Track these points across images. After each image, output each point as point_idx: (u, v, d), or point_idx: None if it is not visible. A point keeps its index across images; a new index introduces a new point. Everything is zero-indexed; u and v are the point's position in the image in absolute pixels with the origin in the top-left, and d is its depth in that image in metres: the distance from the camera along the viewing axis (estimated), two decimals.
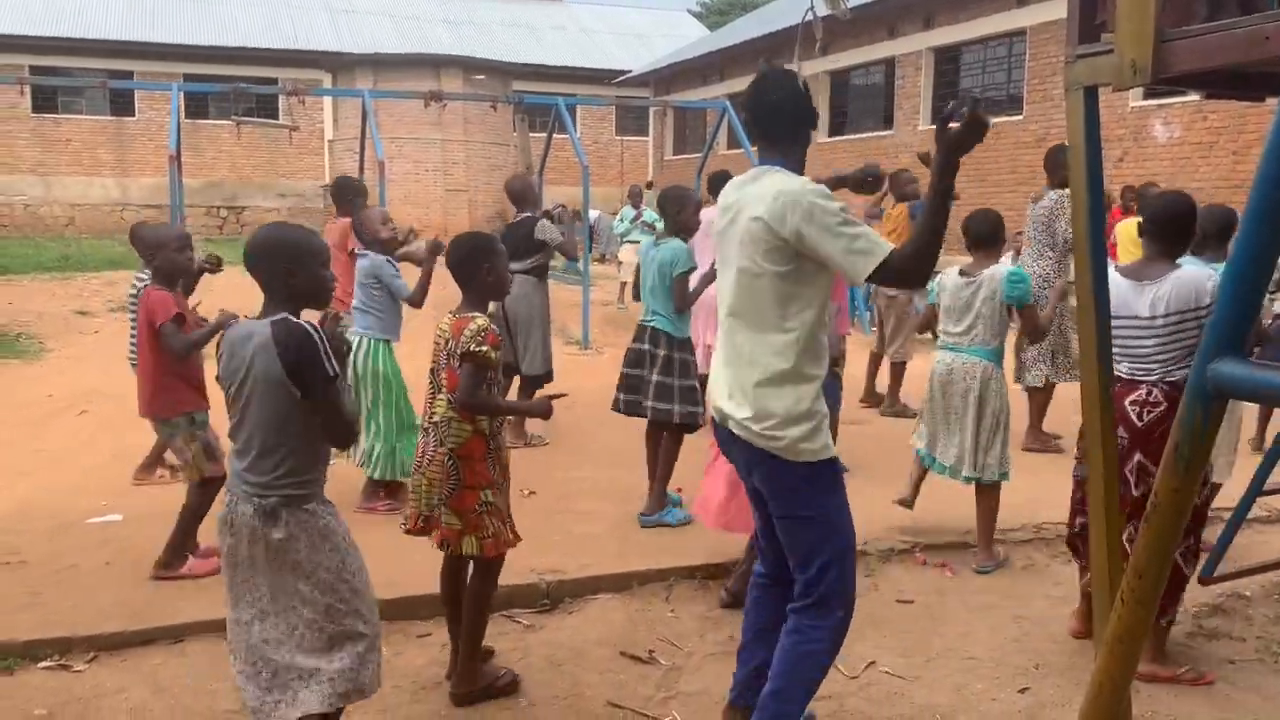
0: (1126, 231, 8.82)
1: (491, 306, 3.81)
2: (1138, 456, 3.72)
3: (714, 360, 3.09)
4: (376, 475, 5.42)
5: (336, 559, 2.78)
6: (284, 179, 29.50)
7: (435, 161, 24.68)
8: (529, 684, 3.62)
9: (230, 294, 5.62)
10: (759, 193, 2.84)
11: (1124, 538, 3.72)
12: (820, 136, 22.05)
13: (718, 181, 5.85)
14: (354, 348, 5.27)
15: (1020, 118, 16.51)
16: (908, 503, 5.27)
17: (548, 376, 6.96)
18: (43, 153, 28.11)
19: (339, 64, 25.86)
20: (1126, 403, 3.74)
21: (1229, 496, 5.46)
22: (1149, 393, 3.74)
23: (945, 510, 5.45)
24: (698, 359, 5.71)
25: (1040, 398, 7.03)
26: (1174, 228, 3.82)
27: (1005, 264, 4.98)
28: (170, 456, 5.75)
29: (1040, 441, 6.97)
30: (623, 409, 5.52)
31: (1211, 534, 5.08)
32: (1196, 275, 3.74)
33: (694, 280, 5.24)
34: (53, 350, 10.25)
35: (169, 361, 4.53)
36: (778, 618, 3.04)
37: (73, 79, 24.29)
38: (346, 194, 7.05)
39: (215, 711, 3.39)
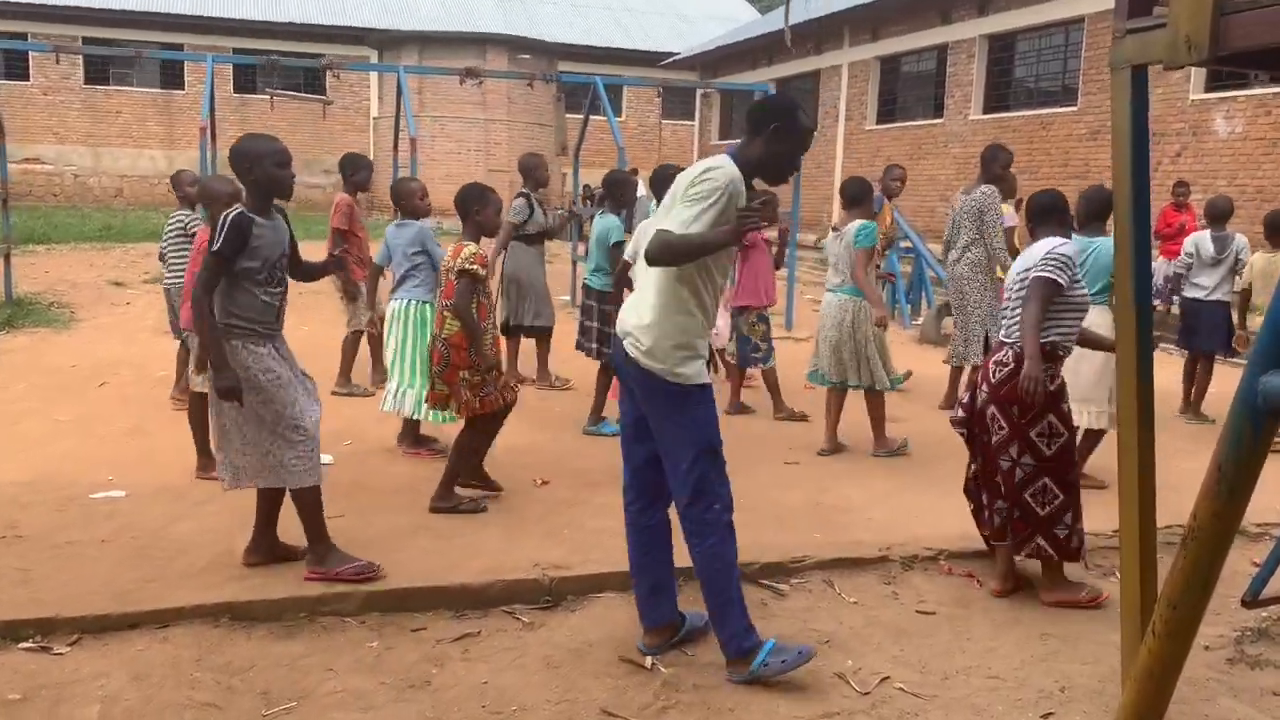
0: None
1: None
2: (991, 409, 4.22)
3: (630, 297, 3.58)
4: (418, 416, 5.93)
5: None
6: (329, 155, 29.54)
7: (477, 141, 24.56)
8: (521, 686, 3.45)
9: None
10: (700, 163, 3.38)
11: (969, 475, 4.49)
12: (868, 123, 21.66)
13: (660, 177, 6.02)
14: (401, 309, 6.01)
15: (1074, 109, 16.04)
16: (825, 452, 6.35)
17: (546, 330, 8.02)
18: (93, 124, 28.43)
19: (385, 40, 25.84)
20: (991, 361, 4.30)
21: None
22: (1005, 353, 4.23)
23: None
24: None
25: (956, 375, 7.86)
26: (1043, 215, 4.41)
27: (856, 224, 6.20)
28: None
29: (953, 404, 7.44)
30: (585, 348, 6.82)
31: (1258, 552, 4.81)
32: (1044, 244, 4.25)
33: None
34: (83, 320, 10.26)
35: None
36: (653, 539, 3.65)
37: (111, 48, 24.28)
38: (348, 169, 7.51)
39: (193, 702, 3.24)
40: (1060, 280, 4.10)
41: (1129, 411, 2.73)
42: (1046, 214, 4.41)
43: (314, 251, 5.36)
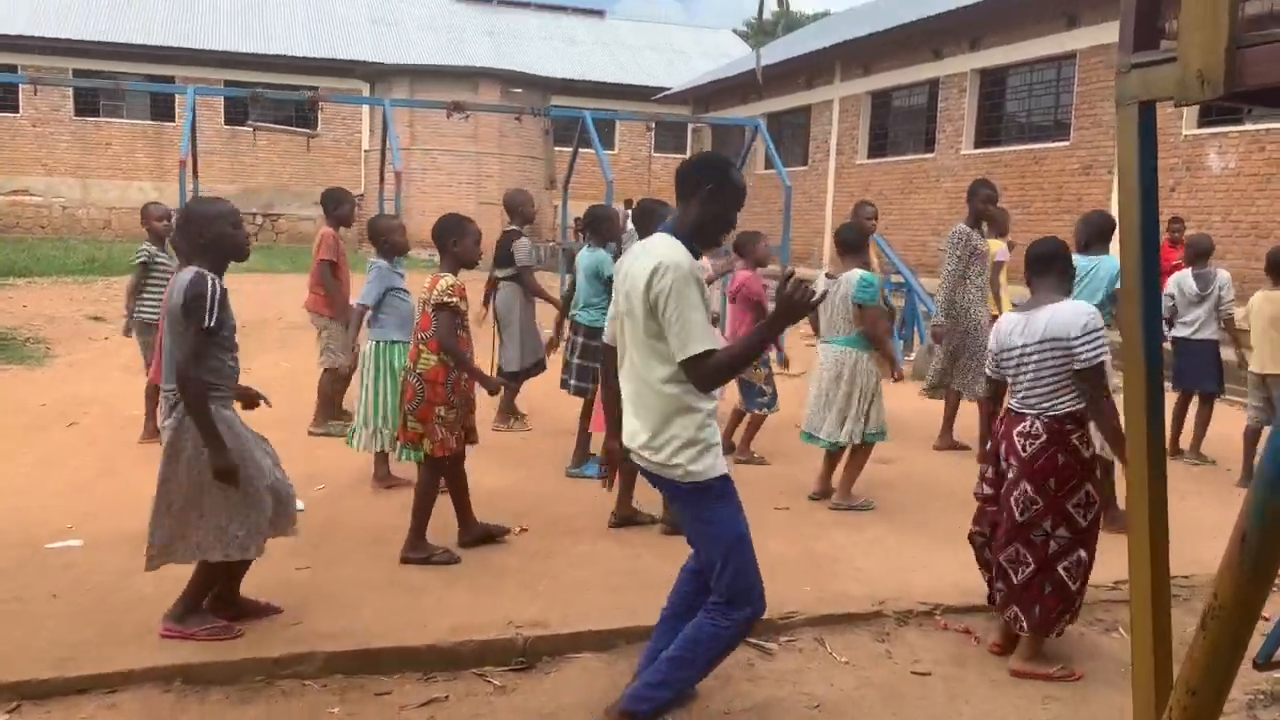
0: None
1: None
2: (1024, 484, 3.89)
3: (625, 405, 3.37)
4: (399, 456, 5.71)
5: None
6: (320, 187, 29.45)
7: (469, 174, 24.49)
8: None
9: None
10: (648, 255, 3.15)
11: (976, 541, 4.27)
12: (859, 158, 21.61)
13: (641, 213, 5.46)
14: (370, 350, 5.94)
15: (1067, 144, 15.98)
16: (816, 496, 6.13)
17: (535, 369, 7.68)
18: (83, 155, 28.30)
19: (377, 74, 25.81)
20: (1015, 433, 3.96)
21: None
22: (1031, 424, 3.91)
23: (969, 568, 5.00)
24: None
25: (951, 404, 7.66)
26: (1043, 265, 4.07)
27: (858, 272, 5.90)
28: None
29: (946, 443, 7.63)
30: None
31: (1268, 607, 4.60)
32: (1075, 309, 3.91)
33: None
34: (58, 356, 10.03)
35: None
36: (696, 602, 3.36)
37: (91, 80, 24.14)
38: (330, 204, 7.37)
39: None
40: (1106, 355, 3.89)
41: (1138, 451, 2.56)
42: (1046, 264, 4.08)
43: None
